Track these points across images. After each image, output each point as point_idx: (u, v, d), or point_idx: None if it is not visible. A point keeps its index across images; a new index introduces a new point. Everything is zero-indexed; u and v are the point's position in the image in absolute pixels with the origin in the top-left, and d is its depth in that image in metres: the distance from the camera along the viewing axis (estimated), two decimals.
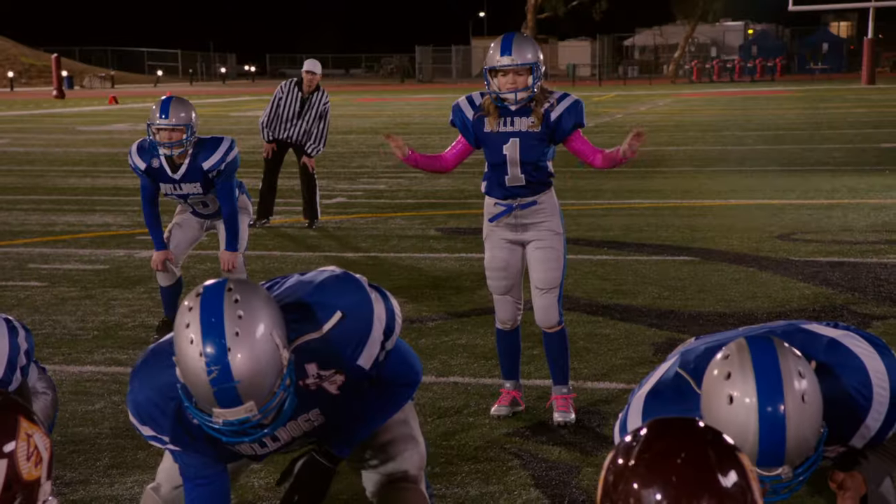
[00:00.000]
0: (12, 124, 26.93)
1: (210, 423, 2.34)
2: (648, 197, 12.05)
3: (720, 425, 2.26)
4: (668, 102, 34.22)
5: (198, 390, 2.30)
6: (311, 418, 2.59)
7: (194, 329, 2.26)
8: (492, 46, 4.63)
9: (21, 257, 8.79)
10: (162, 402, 2.48)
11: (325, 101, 10.33)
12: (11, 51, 66.72)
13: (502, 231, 4.76)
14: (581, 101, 4.73)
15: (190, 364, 2.27)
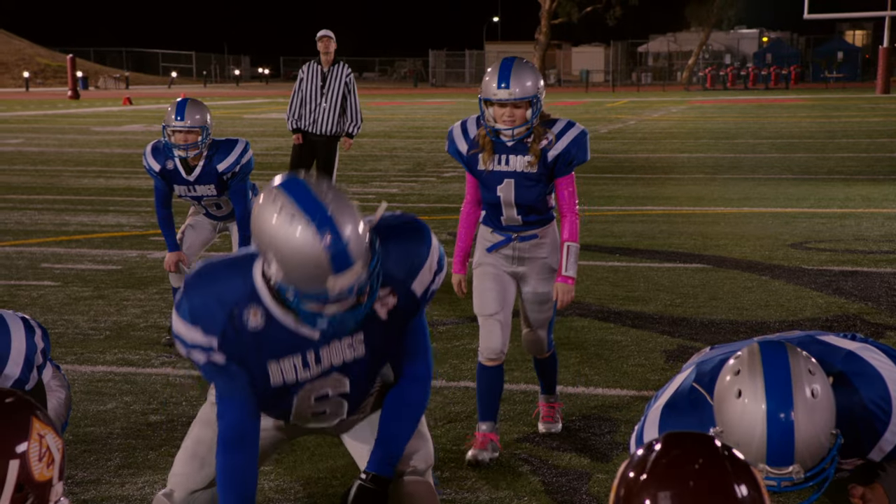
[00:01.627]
0: (27, 124, 27.05)
1: (319, 302, 2.35)
2: (661, 204, 12.02)
3: (730, 421, 2.27)
4: (682, 109, 34.17)
5: (308, 265, 2.27)
6: (353, 344, 2.57)
7: (291, 208, 2.25)
8: (488, 72, 4.26)
9: (34, 257, 8.82)
10: (217, 306, 2.48)
11: (348, 73, 9.93)
12: (27, 51, 67.03)
13: (498, 260, 4.45)
14: (585, 132, 4.32)
15: (297, 240, 2.25)
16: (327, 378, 2.61)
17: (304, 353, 2.53)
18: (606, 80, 63.24)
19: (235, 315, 2.49)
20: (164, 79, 69.89)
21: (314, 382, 2.60)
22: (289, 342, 2.52)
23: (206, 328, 2.49)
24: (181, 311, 2.51)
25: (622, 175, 15.12)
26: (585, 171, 15.61)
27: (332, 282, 2.31)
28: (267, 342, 2.50)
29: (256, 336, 2.50)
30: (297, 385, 2.59)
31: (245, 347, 2.50)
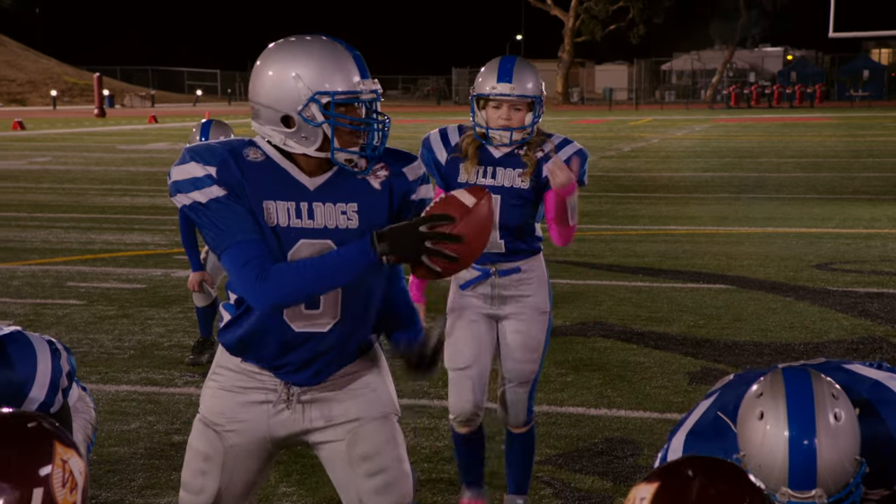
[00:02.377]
0: (54, 142, 27.32)
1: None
2: (684, 223, 11.98)
3: (752, 444, 2.26)
4: (706, 128, 34.08)
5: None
6: (347, 212, 2.56)
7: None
8: (483, 70, 3.77)
9: (60, 275, 8.89)
10: (217, 144, 2.54)
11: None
12: (55, 70, 67.76)
13: (474, 300, 3.82)
14: (586, 152, 3.80)
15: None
16: (322, 243, 2.54)
17: (297, 201, 2.53)
18: (630, 99, 63.17)
19: (235, 149, 2.54)
20: (189, 97, 70.42)
21: (308, 242, 2.53)
22: (284, 185, 2.53)
23: (205, 160, 2.49)
24: (178, 160, 2.53)
25: (645, 194, 15.08)
26: (608, 189, 15.60)
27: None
28: (263, 178, 2.52)
29: (255, 168, 2.52)
30: (290, 234, 2.52)
31: (243, 177, 2.49)
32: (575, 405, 5.37)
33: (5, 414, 1.71)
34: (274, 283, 2.44)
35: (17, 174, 18.32)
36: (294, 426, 2.66)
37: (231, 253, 2.48)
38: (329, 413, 2.66)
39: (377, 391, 2.72)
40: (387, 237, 2.42)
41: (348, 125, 2.53)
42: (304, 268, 2.45)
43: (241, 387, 2.65)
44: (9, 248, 10.30)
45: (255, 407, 2.65)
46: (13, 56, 66.03)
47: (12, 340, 2.80)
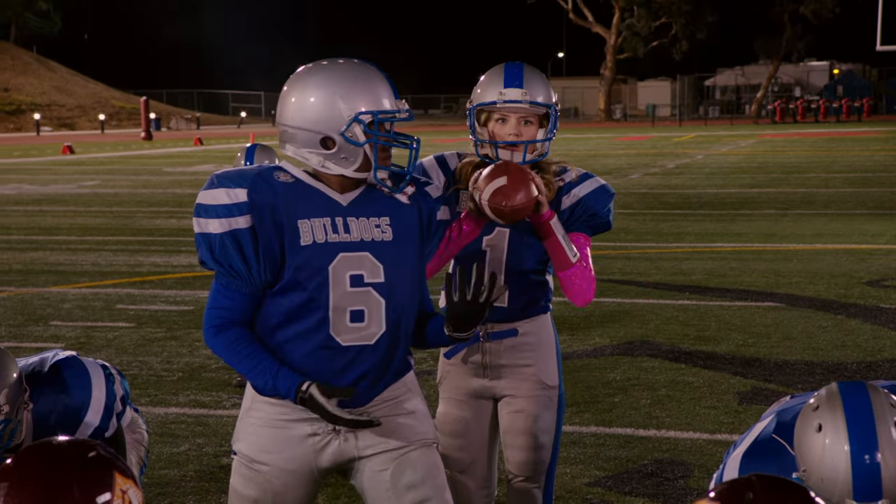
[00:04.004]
0: (102, 166, 27.73)
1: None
2: (731, 240, 11.87)
3: (812, 459, 2.22)
4: (751, 143, 33.79)
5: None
6: (381, 225, 2.59)
7: None
8: (484, 78, 3.09)
9: (110, 298, 9.00)
10: (246, 170, 2.57)
11: None
12: (103, 94, 68.87)
13: (462, 375, 3.15)
14: (610, 189, 3.16)
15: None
16: (360, 256, 2.55)
17: (332, 217, 2.55)
18: (673, 115, 62.84)
19: (264, 171, 2.56)
20: (233, 118, 71.19)
21: (347, 256, 2.54)
22: (318, 203, 2.55)
23: (235, 183, 2.50)
24: (204, 186, 2.55)
25: (691, 211, 14.97)
26: (653, 206, 15.52)
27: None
28: (296, 198, 2.53)
29: (286, 188, 2.53)
30: (329, 249, 2.52)
31: (275, 196, 2.51)
32: (623, 426, 5.33)
33: (65, 443, 1.73)
34: (217, 344, 2.56)
35: (67, 198, 18.61)
36: (341, 456, 2.64)
37: (212, 288, 2.58)
38: (375, 441, 2.63)
39: (420, 419, 2.71)
40: (307, 402, 2.49)
41: (392, 143, 2.58)
42: (238, 352, 2.54)
43: (285, 420, 2.60)
44: (59, 271, 10.45)
45: (302, 441, 2.61)
46: (63, 81, 67.24)
47: (68, 366, 2.84)
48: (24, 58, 67.46)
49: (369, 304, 2.58)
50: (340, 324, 2.56)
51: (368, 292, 2.58)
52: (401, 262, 2.62)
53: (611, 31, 61.65)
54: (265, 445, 2.61)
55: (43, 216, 15.61)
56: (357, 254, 2.57)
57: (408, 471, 2.63)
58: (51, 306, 8.65)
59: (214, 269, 2.55)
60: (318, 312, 2.54)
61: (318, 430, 2.60)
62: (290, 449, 2.60)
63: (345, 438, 2.62)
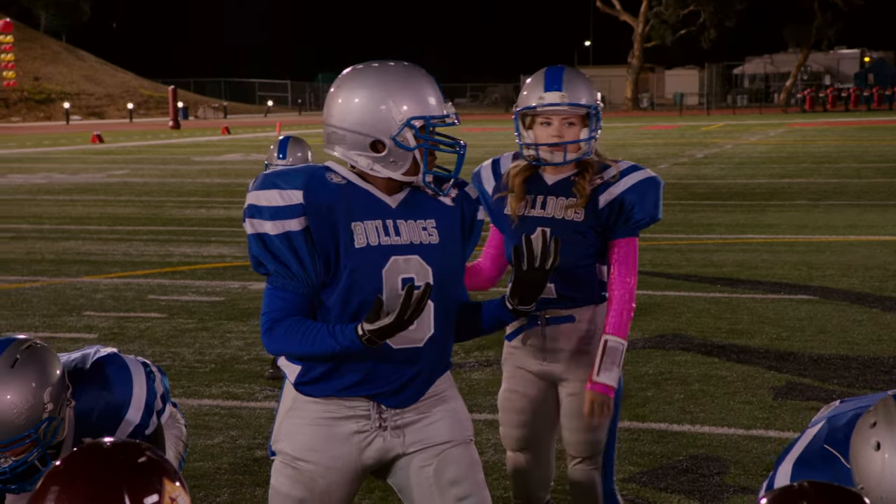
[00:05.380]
0: (131, 155, 27.89)
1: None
2: (762, 232, 11.77)
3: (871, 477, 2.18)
4: (780, 133, 33.50)
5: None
6: (427, 228, 2.58)
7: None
8: (528, 82, 3.24)
9: (141, 288, 9.04)
10: (296, 170, 2.53)
11: None
12: (131, 83, 69.24)
13: (524, 356, 3.32)
14: (657, 180, 3.26)
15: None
16: (410, 259, 2.55)
17: (384, 219, 2.55)
18: (701, 104, 62.41)
19: (316, 172, 2.53)
20: (260, 107, 71.39)
21: (399, 259, 2.53)
22: (369, 205, 2.54)
23: (290, 183, 2.47)
24: (255, 184, 2.52)
25: (721, 202, 14.86)
26: (682, 197, 15.41)
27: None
28: (350, 200, 2.52)
29: (340, 190, 2.52)
30: (382, 252, 2.51)
31: (330, 197, 2.49)
32: (657, 420, 5.30)
33: (115, 447, 1.72)
34: (274, 339, 2.54)
35: (97, 187, 18.73)
36: (387, 453, 2.63)
37: (266, 293, 2.57)
38: (420, 437, 2.63)
39: (459, 414, 2.71)
40: (373, 338, 2.44)
41: (443, 148, 2.59)
42: (294, 336, 2.51)
43: (330, 418, 2.59)
44: (91, 261, 10.52)
45: (347, 439, 2.59)
46: (91, 71, 67.65)
47: (109, 363, 2.84)
48: (54, 47, 67.92)
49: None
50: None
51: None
52: (447, 265, 2.62)
53: (638, 19, 61.26)
54: (310, 444, 2.59)
55: (73, 205, 15.71)
56: (407, 257, 2.56)
57: (451, 466, 2.63)
58: (83, 296, 8.70)
59: (270, 270, 2.53)
60: (369, 293, 2.52)
61: (363, 427, 2.60)
62: (335, 447, 2.59)
63: (387, 435, 2.61)
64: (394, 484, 2.71)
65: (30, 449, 2.60)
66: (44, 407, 2.59)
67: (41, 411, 2.58)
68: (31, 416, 2.57)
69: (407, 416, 2.63)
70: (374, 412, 2.60)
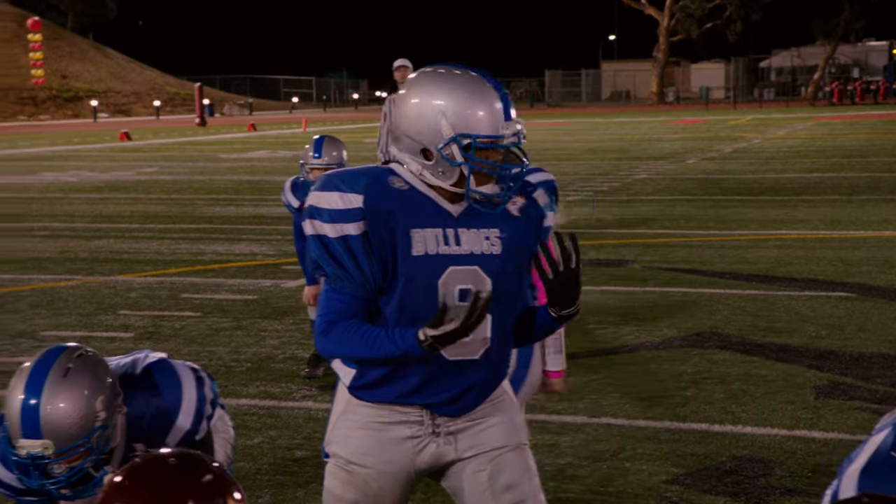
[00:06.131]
0: (159, 152, 28.00)
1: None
2: (795, 227, 11.66)
3: None
4: (809, 126, 33.21)
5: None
6: (490, 237, 2.52)
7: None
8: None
9: (174, 286, 9.06)
10: (359, 172, 2.52)
11: None
12: (158, 80, 69.57)
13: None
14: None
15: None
16: (469, 269, 2.50)
17: (444, 228, 2.49)
18: (727, 97, 62.00)
19: (380, 175, 2.49)
20: (285, 104, 71.54)
21: (457, 269, 2.49)
22: (431, 213, 2.50)
23: (351, 187, 2.45)
24: (317, 185, 2.51)
25: (751, 197, 14.74)
26: (711, 192, 15.30)
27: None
28: (410, 206, 2.47)
29: (401, 196, 2.48)
30: (439, 261, 2.48)
31: (391, 203, 2.46)
32: (698, 421, 5.24)
33: (180, 463, 1.70)
34: (329, 341, 2.50)
35: (127, 185, 18.82)
36: (440, 458, 2.61)
37: (323, 294, 2.54)
38: (474, 442, 2.60)
39: (514, 419, 2.68)
40: (435, 344, 2.42)
41: (486, 170, 2.49)
42: (350, 339, 2.48)
43: (384, 422, 2.57)
44: (124, 259, 10.56)
45: (401, 444, 2.58)
46: (119, 68, 68.02)
47: (159, 369, 2.83)
48: (82, 45, 68.32)
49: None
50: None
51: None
52: (508, 276, 2.56)
53: (664, 12, 60.95)
54: (363, 448, 2.58)
55: (105, 203, 15.79)
56: (466, 267, 2.51)
57: (505, 471, 2.60)
58: (118, 295, 8.73)
59: (328, 272, 2.52)
60: (425, 305, 2.48)
61: (416, 432, 2.57)
62: (389, 451, 2.57)
63: (441, 441, 2.59)
64: (448, 487, 2.68)
65: (84, 457, 2.59)
66: (96, 415, 2.58)
67: (94, 420, 2.57)
68: (85, 425, 2.56)
69: (460, 423, 2.61)
70: (427, 418, 2.58)
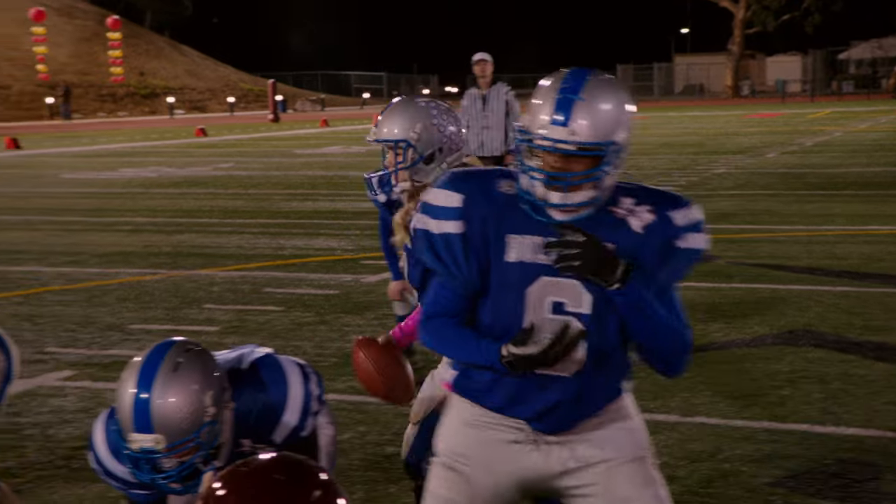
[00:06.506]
0: (234, 148, 28.33)
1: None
2: (886, 223, 11.32)
3: None
4: (892, 119, 32.37)
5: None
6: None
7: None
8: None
9: (257, 281, 9.11)
10: (472, 174, 2.52)
11: (506, 92, 10.36)
12: (231, 77, 70.51)
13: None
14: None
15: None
16: (563, 283, 2.40)
17: (545, 236, 2.42)
18: (804, 90, 60.78)
19: (491, 178, 2.48)
20: (356, 100, 72.00)
21: (549, 280, 2.40)
22: (533, 220, 2.42)
23: (456, 187, 2.46)
24: (434, 182, 2.54)
25: (836, 192, 14.37)
26: (794, 187, 14.96)
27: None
28: (512, 211, 2.42)
29: (505, 201, 2.43)
30: (531, 270, 2.40)
31: (489, 207, 2.43)
32: (798, 421, 5.08)
33: (290, 478, 1.65)
34: (425, 334, 2.55)
35: (206, 180, 19.04)
36: (545, 468, 2.51)
37: (431, 286, 2.57)
38: (581, 454, 2.50)
39: (631, 430, 2.55)
40: (513, 364, 2.38)
41: (517, 169, 2.43)
42: (443, 336, 2.51)
43: (487, 422, 2.52)
44: (206, 254, 10.66)
45: (503, 447, 2.51)
46: (194, 65, 69.10)
47: (265, 364, 2.81)
48: (158, 43, 69.54)
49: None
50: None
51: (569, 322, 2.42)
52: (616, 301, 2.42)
53: (739, 4, 59.95)
54: (465, 446, 2.53)
55: (184, 198, 15.99)
56: (561, 280, 2.41)
57: (621, 483, 2.49)
58: (202, 289, 8.81)
59: (432, 267, 2.50)
60: (513, 333, 2.41)
61: (518, 438, 2.51)
62: (491, 452, 2.51)
63: (544, 450, 2.50)
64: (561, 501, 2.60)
65: (193, 452, 2.57)
66: (206, 410, 2.56)
67: (204, 414, 2.56)
68: (195, 420, 2.54)
69: (562, 436, 2.51)
70: (525, 425, 2.51)
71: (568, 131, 2.33)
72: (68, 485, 4.55)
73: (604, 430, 2.52)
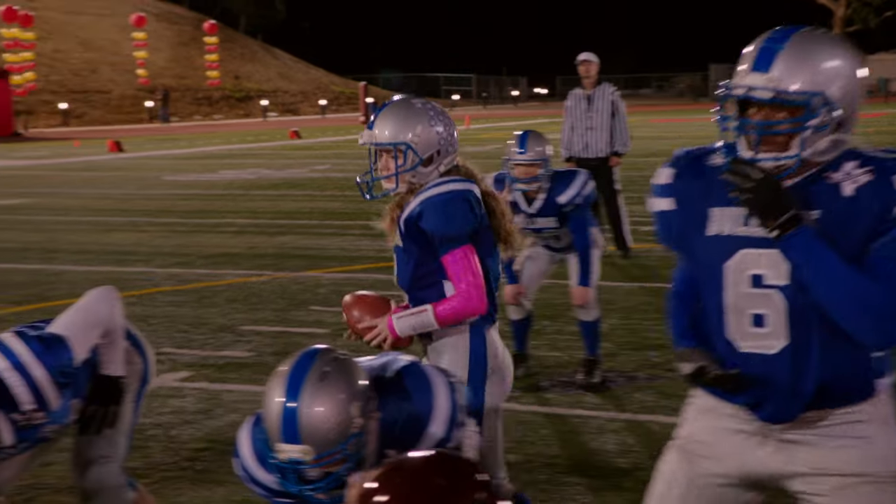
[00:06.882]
0: (329, 150, 28.60)
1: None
2: None
3: None
4: None
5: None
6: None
7: None
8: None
9: (362, 283, 9.11)
10: (692, 150, 2.54)
11: (612, 92, 10.22)
12: (323, 80, 71.35)
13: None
14: (436, 200, 3.42)
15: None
16: (764, 254, 2.29)
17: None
18: None
19: (705, 152, 2.47)
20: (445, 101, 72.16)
21: (749, 253, 2.31)
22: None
23: (672, 163, 2.50)
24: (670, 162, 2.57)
25: None
26: None
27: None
28: (719, 183, 2.35)
29: (713, 173, 2.39)
30: (731, 243, 2.33)
31: (697, 182, 2.42)
32: None
33: (449, 484, 1.59)
34: (668, 311, 2.60)
35: (303, 182, 19.24)
36: (773, 466, 2.41)
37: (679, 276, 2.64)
38: (814, 460, 2.36)
39: (876, 445, 2.36)
40: (690, 373, 2.50)
41: (722, 126, 2.37)
42: (672, 313, 2.60)
43: (719, 412, 2.48)
44: (309, 255, 10.73)
45: (730, 436, 2.46)
46: (286, 69, 70.11)
47: (410, 373, 2.76)
48: (252, 46, 70.73)
49: (770, 308, 2.32)
50: (740, 327, 2.36)
51: (769, 295, 2.31)
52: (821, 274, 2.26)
53: (839, 2, 58.42)
54: (700, 432, 2.52)
55: (284, 200, 16.17)
56: (761, 251, 2.31)
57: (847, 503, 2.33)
58: (307, 291, 8.85)
59: (664, 244, 2.58)
60: (716, 308, 2.40)
61: (745, 427, 2.44)
62: (719, 439, 2.47)
63: (773, 447, 2.40)
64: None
65: (340, 464, 2.53)
66: (353, 421, 2.52)
67: (351, 425, 2.51)
68: (343, 431, 2.50)
69: (796, 433, 2.38)
70: (756, 419, 2.43)
71: (765, 78, 2.25)
72: (195, 486, 4.59)
73: (848, 437, 2.35)
